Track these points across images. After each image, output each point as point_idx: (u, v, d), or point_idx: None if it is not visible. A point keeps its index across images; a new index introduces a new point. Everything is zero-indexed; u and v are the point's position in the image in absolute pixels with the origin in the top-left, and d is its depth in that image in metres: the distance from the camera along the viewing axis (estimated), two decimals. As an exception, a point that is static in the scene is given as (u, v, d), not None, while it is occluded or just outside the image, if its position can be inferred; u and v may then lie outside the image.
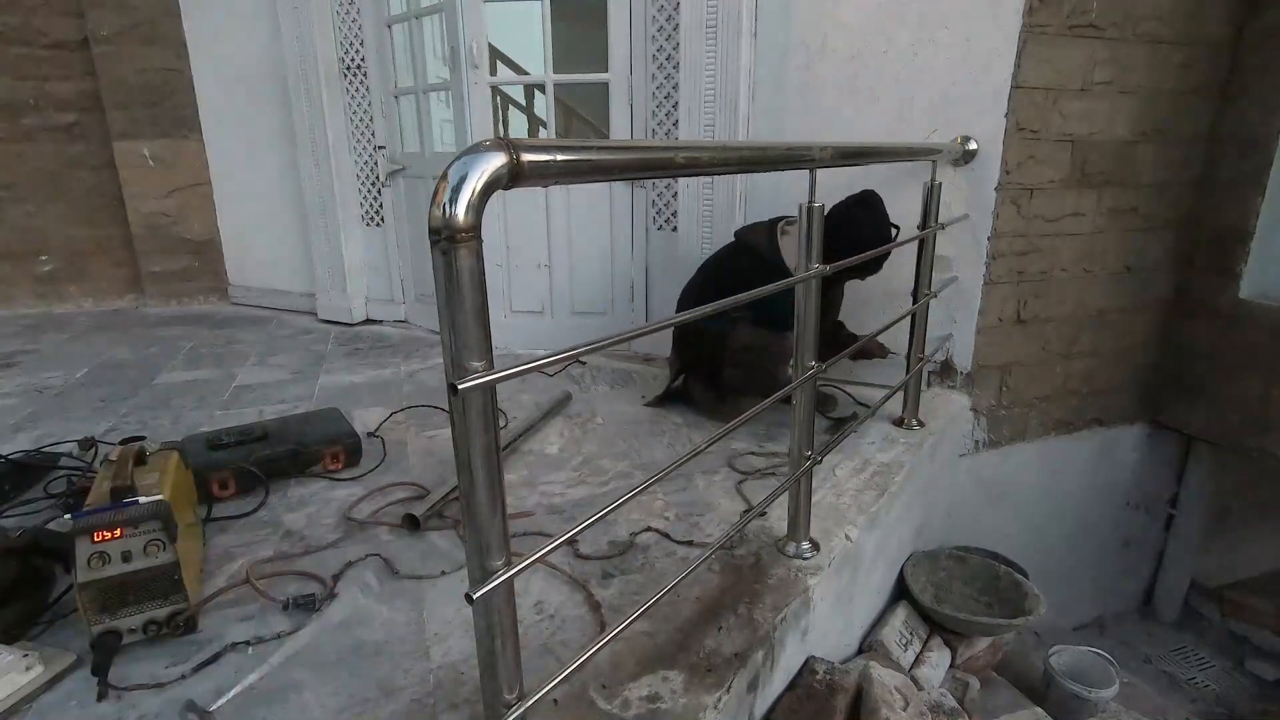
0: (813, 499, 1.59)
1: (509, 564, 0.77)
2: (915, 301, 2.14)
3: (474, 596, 0.73)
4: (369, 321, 3.74)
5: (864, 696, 1.54)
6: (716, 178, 2.66)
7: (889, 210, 2.15)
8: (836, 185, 2.33)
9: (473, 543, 0.76)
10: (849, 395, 2.48)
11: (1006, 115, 2.25)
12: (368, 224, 3.65)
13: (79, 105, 3.86)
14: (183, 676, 1.20)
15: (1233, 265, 2.64)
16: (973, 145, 2.30)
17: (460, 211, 0.64)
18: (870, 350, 2.38)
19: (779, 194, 2.61)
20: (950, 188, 2.30)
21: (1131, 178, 2.56)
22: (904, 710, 1.55)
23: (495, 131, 3.58)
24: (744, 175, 2.63)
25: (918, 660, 1.97)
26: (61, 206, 3.97)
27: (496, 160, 0.65)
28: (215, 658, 1.24)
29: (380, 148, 3.49)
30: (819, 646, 1.59)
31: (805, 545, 1.57)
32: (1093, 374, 2.81)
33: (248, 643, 1.28)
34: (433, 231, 0.64)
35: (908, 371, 2.19)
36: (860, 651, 1.90)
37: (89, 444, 2.09)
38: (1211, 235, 2.72)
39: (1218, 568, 3.25)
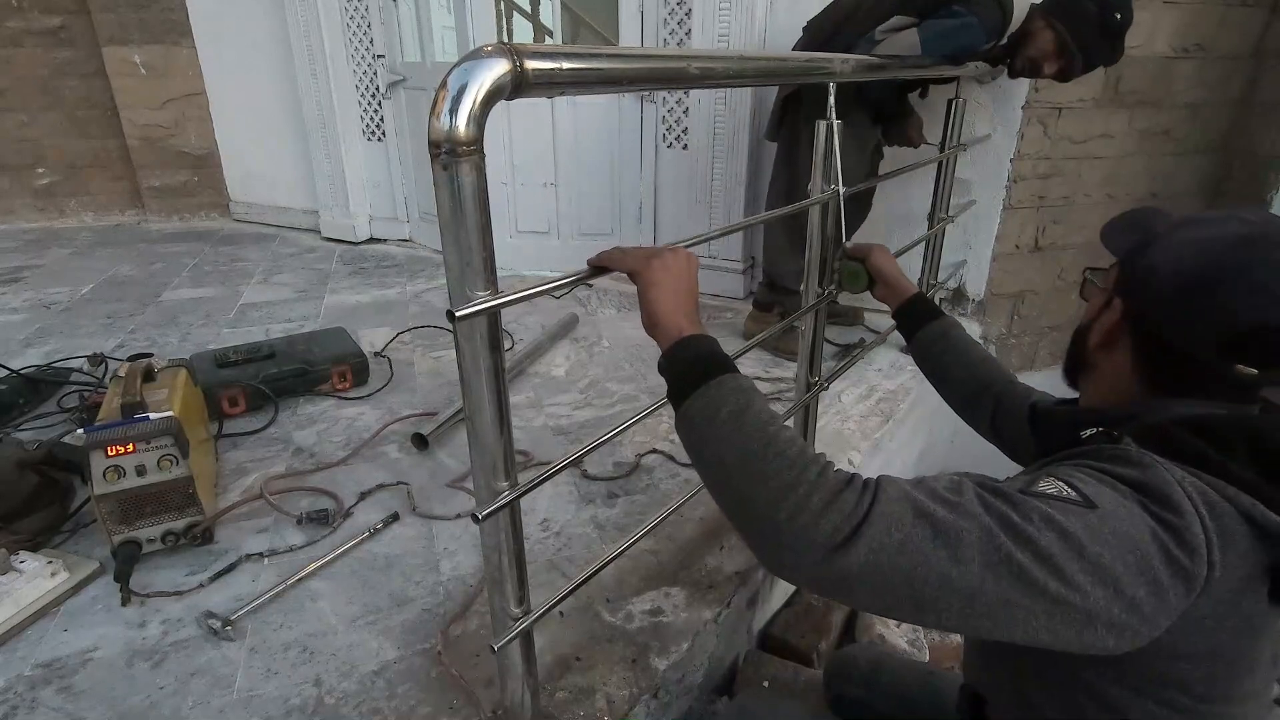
0: (818, 424, 1.59)
1: (514, 485, 0.78)
2: (931, 226, 2.08)
3: (480, 516, 0.74)
4: (373, 240, 3.69)
5: (858, 612, 1.60)
6: (730, 92, 2.54)
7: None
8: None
9: (479, 464, 0.77)
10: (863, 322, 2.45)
11: (1040, 27, 2.12)
12: (369, 138, 3.54)
13: (65, 8, 3.69)
14: (201, 585, 1.24)
15: (1263, 193, 2.55)
16: (1002, 59, 2.17)
17: (461, 123, 0.60)
18: (910, 136, 2.15)
19: (795, 111, 2.50)
20: (974, 105, 2.19)
21: (1166, 98, 2.44)
22: (897, 626, 1.61)
23: (499, 39, 3.41)
24: (760, 90, 2.52)
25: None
26: (55, 116, 3.86)
27: (499, 67, 0.61)
28: (232, 568, 1.29)
29: (379, 57, 3.34)
30: (818, 566, 1.63)
31: (808, 470, 1.58)
32: (1107, 304, 2.77)
33: (263, 554, 1.32)
34: (433, 144, 0.61)
35: (919, 298, 2.15)
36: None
37: (99, 360, 2.10)
38: (1244, 161, 2.61)
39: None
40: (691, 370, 0.70)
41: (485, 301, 0.67)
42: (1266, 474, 0.59)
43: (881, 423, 1.84)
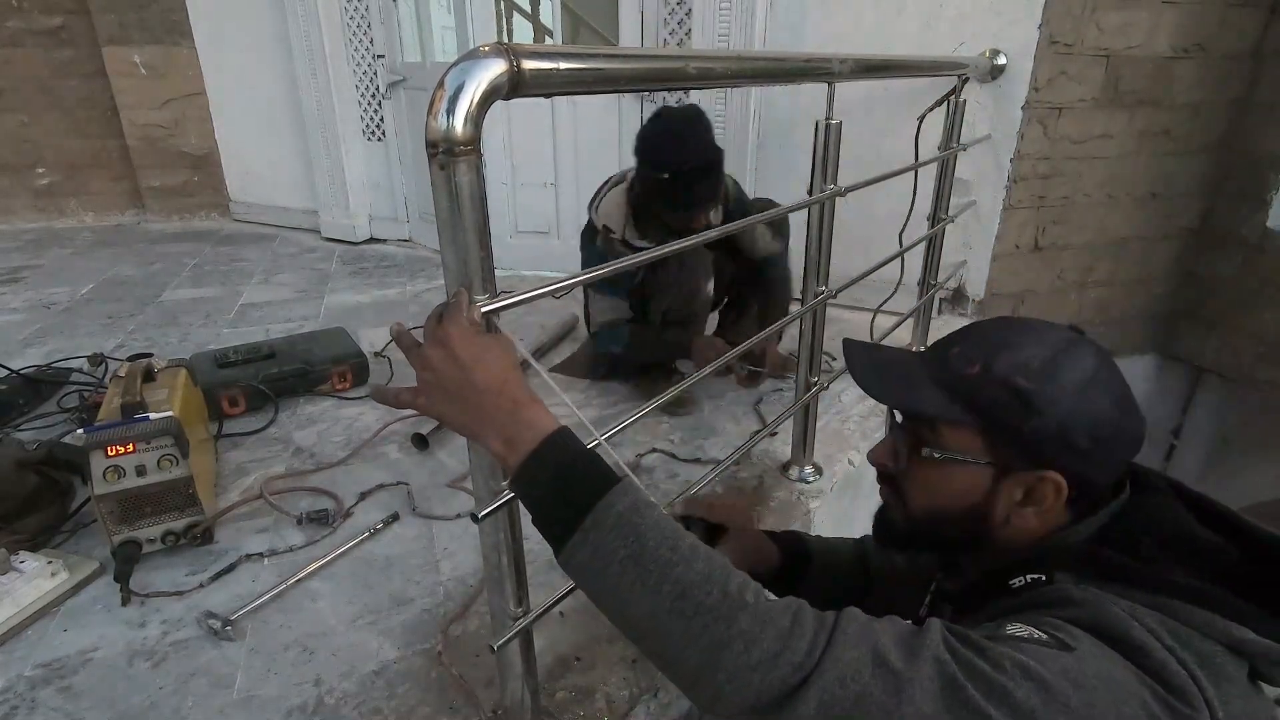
0: (818, 424, 1.59)
1: (514, 485, 0.78)
2: (931, 226, 2.08)
3: (480, 516, 0.74)
4: (373, 240, 3.69)
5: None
6: (730, 93, 2.54)
7: (901, 131, 2.05)
8: (854, 99, 2.24)
9: (478, 464, 0.77)
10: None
11: (1040, 26, 2.12)
12: (369, 138, 3.54)
13: (65, 8, 3.69)
14: (201, 585, 1.24)
15: (1263, 193, 2.54)
16: (1001, 59, 2.17)
17: (458, 122, 0.60)
18: (767, 359, 1.95)
19: (796, 110, 2.50)
20: (974, 106, 2.19)
21: (1166, 98, 2.44)
22: (897, 626, 1.61)
23: (499, 39, 3.41)
24: (759, 90, 2.52)
25: (913, 580, 2.02)
26: (55, 116, 3.86)
27: (496, 67, 0.61)
28: (232, 568, 1.29)
29: (379, 57, 3.34)
30: (817, 566, 1.63)
31: (808, 469, 1.59)
32: (1107, 304, 2.77)
33: (263, 554, 1.32)
34: (430, 144, 0.61)
35: (919, 299, 2.16)
36: (857, 571, 1.96)
37: (98, 360, 2.10)
38: (1244, 161, 2.60)
39: (1215, 496, 3.29)
40: (554, 503, 0.59)
41: (482, 305, 0.67)
42: (1183, 561, 0.60)
43: (881, 423, 1.84)
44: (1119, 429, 0.65)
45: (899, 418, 0.75)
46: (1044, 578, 0.63)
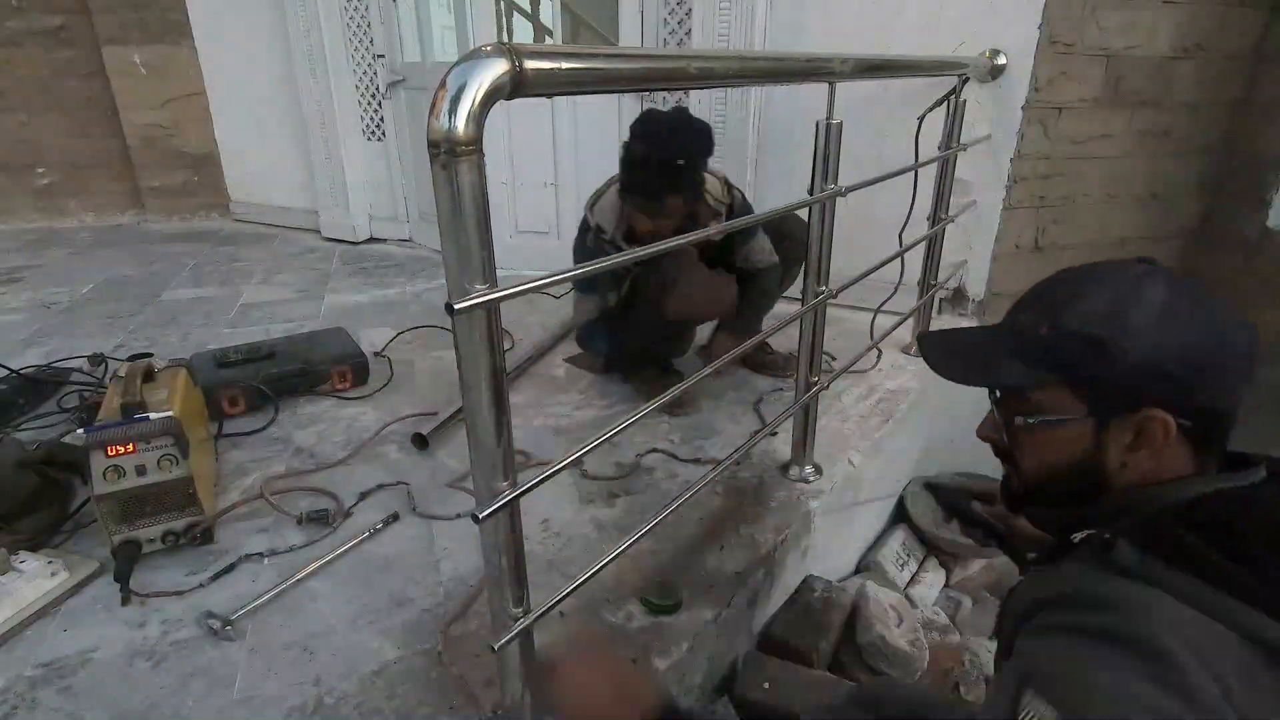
0: (818, 424, 1.59)
1: (514, 485, 0.78)
2: (931, 226, 2.08)
3: (480, 516, 0.74)
4: (373, 240, 3.69)
5: (859, 613, 1.60)
6: (731, 93, 2.54)
7: (901, 131, 2.05)
8: (854, 99, 2.23)
9: (478, 464, 0.77)
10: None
11: (1040, 26, 2.12)
12: (369, 138, 3.54)
13: (65, 8, 3.69)
14: (201, 585, 1.24)
15: (1263, 193, 2.54)
16: (1001, 60, 2.17)
17: (460, 123, 0.60)
18: (763, 359, 2.09)
19: (796, 110, 2.50)
20: (974, 106, 2.19)
21: (1167, 98, 2.43)
22: (898, 626, 1.61)
23: (499, 39, 3.41)
24: (760, 90, 2.52)
25: (913, 580, 2.03)
26: (55, 117, 3.86)
27: (498, 67, 0.61)
28: (232, 568, 1.29)
29: (379, 56, 3.34)
30: (818, 566, 1.64)
31: (809, 469, 1.59)
32: (1107, 304, 2.76)
33: (263, 554, 1.32)
34: (431, 144, 0.61)
35: (919, 299, 2.16)
36: (858, 571, 1.96)
37: (98, 360, 2.10)
38: (1245, 161, 2.60)
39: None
40: None
41: (484, 295, 0.66)
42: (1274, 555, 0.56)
43: (881, 423, 1.84)
44: (1214, 350, 0.64)
45: (997, 393, 0.77)
46: (1107, 535, 0.62)
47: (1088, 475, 0.69)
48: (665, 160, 1.65)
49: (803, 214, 1.33)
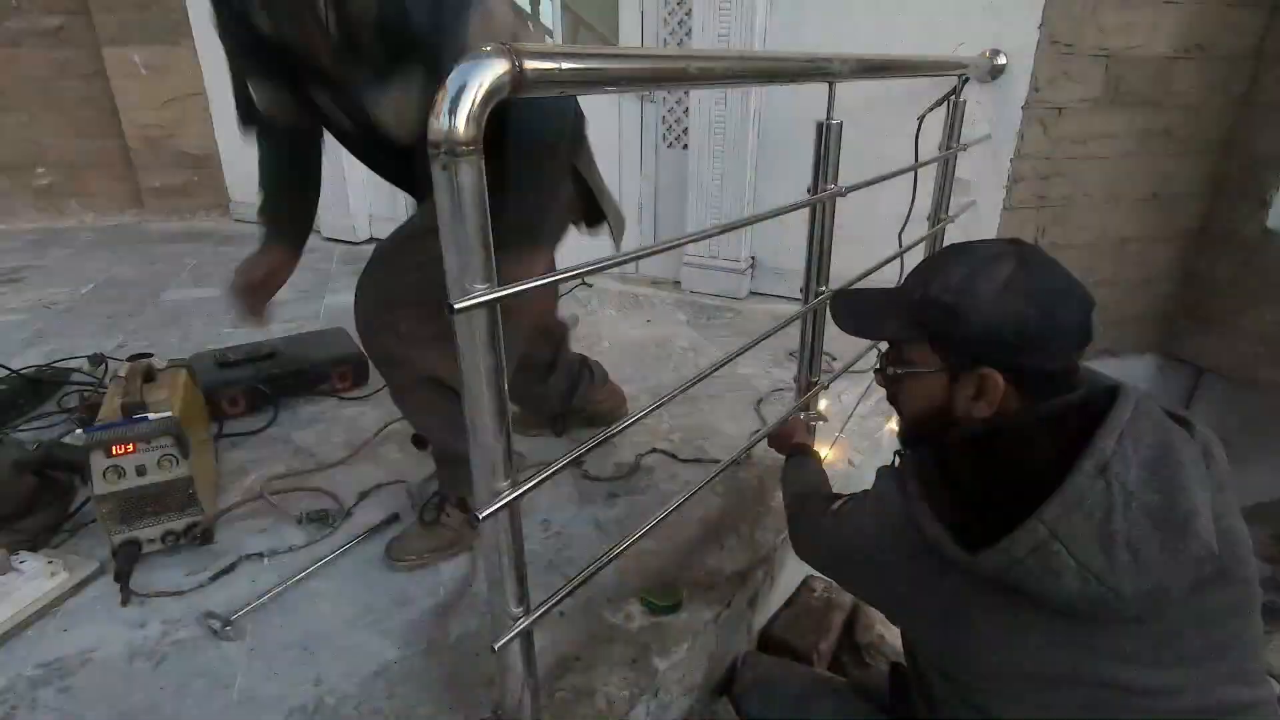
0: (818, 424, 1.59)
1: (514, 485, 0.78)
2: (931, 226, 2.08)
3: (480, 516, 0.74)
4: (373, 240, 3.68)
5: (859, 613, 1.60)
6: (730, 93, 2.54)
7: (901, 131, 2.04)
8: (854, 99, 2.23)
9: (478, 464, 0.77)
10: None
11: (1040, 27, 2.12)
12: (369, 138, 3.54)
13: (65, 8, 3.69)
14: (201, 585, 1.24)
15: (1263, 193, 2.54)
16: (1001, 60, 2.17)
17: (460, 123, 0.60)
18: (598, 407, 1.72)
19: (796, 110, 2.50)
20: (974, 106, 2.19)
21: (1167, 98, 2.43)
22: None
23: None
24: (760, 90, 2.52)
25: (913, 580, 2.02)
26: (55, 117, 3.86)
27: (498, 67, 0.61)
28: (232, 568, 1.29)
29: (379, 57, 3.34)
30: (818, 566, 1.63)
31: (808, 470, 1.58)
32: (1107, 305, 2.77)
33: (263, 554, 1.32)
34: (432, 145, 0.61)
35: (919, 298, 2.15)
36: (857, 571, 1.95)
37: (99, 360, 2.10)
38: (1245, 161, 2.60)
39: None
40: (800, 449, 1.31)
41: (484, 294, 0.67)
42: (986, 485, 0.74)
43: (882, 423, 1.84)
44: (1044, 324, 0.76)
45: (881, 347, 0.94)
46: (896, 460, 0.87)
47: (942, 419, 0.84)
48: None
49: (804, 213, 1.33)
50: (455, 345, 0.69)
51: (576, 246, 2.84)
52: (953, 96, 1.95)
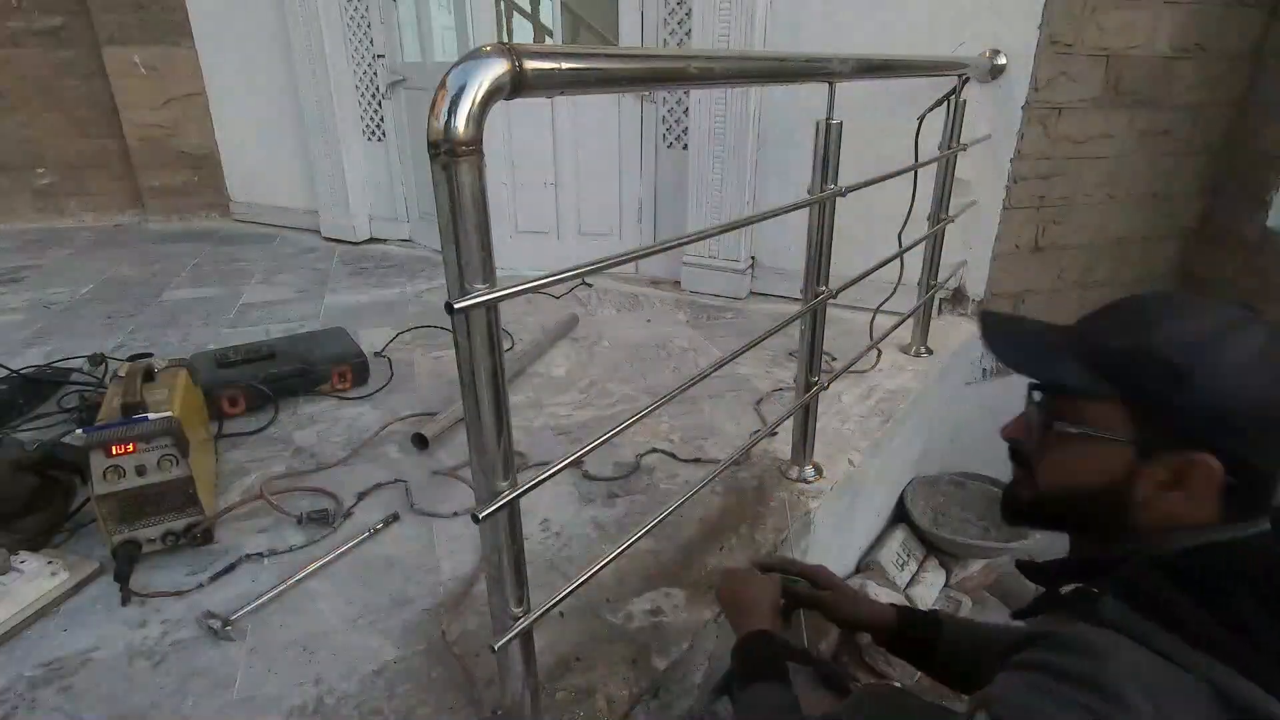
0: (818, 424, 1.59)
1: (514, 485, 0.78)
2: (931, 226, 2.08)
3: (480, 516, 0.74)
4: (373, 240, 3.69)
5: (859, 613, 1.59)
6: (730, 93, 2.54)
7: (901, 131, 2.04)
8: (854, 99, 2.23)
9: (478, 464, 0.77)
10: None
11: (1040, 27, 2.12)
12: (369, 138, 3.54)
13: (65, 8, 3.69)
14: (201, 585, 1.24)
15: (1263, 193, 2.54)
16: (1001, 59, 2.17)
17: (460, 123, 0.60)
18: None
19: (796, 110, 2.50)
20: (974, 105, 2.19)
21: (1167, 98, 2.43)
22: (897, 626, 1.61)
23: (499, 39, 3.41)
24: (760, 90, 2.52)
25: (913, 579, 2.03)
26: (55, 117, 3.86)
27: (498, 67, 0.61)
28: (232, 568, 1.29)
29: (379, 56, 3.34)
30: (818, 566, 1.63)
31: (809, 469, 1.58)
32: (1107, 303, 2.77)
33: (263, 554, 1.32)
34: (431, 144, 0.61)
35: (919, 299, 2.16)
36: (858, 571, 1.96)
37: (99, 360, 2.10)
38: (1245, 161, 2.60)
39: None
40: (752, 664, 0.90)
41: (484, 294, 0.67)
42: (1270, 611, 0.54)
43: (882, 423, 1.84)
44: None
45: (1036, 394, 0.72)
46: (1094, 590, 0.59)
47: (1107, 504, 0.65)
48: None
49: (804, 213, 1.33)
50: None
51: (577, 248, 2.85)
52: (953, 96, 1.95)
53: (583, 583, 0.93)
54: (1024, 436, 0.73)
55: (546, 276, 0.75)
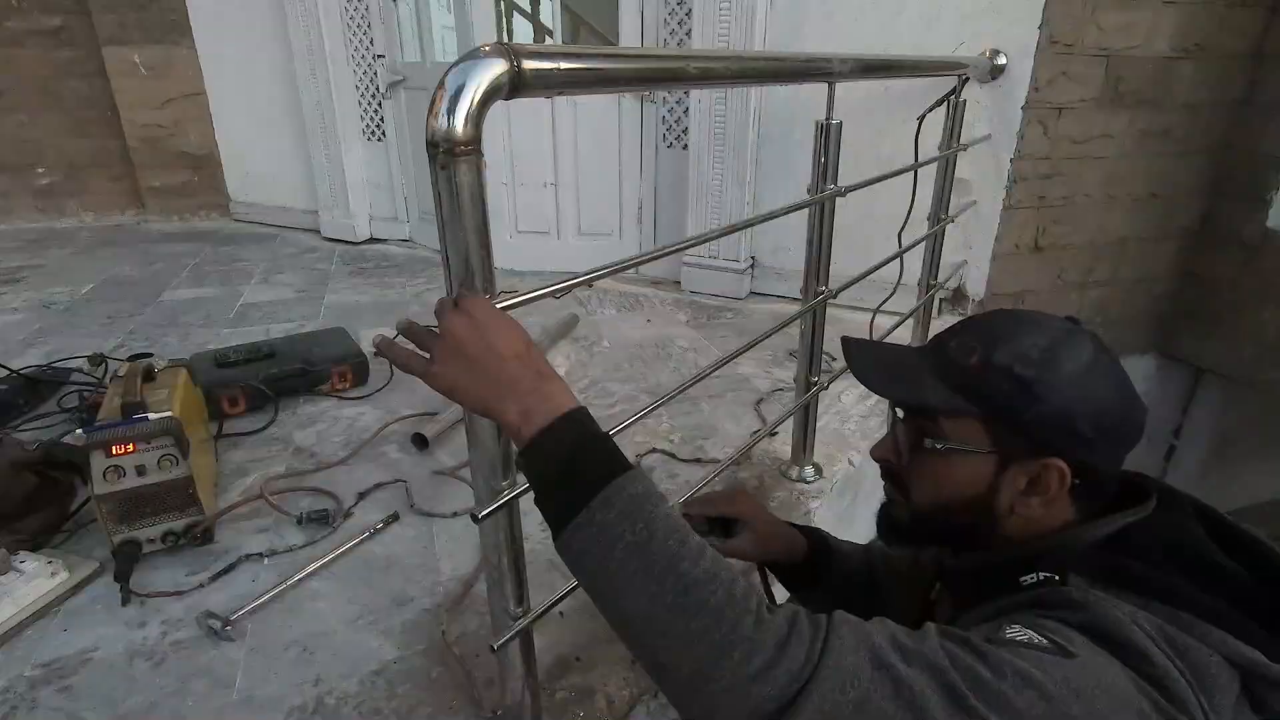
0: (818, 424, 1.59)
1: (514, 485, 0.78)
2: (931, 226, 2.08)
3: (480, 516, 0.74)
4: (373, 240, 3.69)
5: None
6: (730, 93, 2.54)
7: (901, 131, 2.04)
8: (854, 99, 2.24)
9: (478, 465, 0.77)
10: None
11: (1040, 27, 2.12)
12: (369, 138, 3.55)
13: (65, 8, 3.69)
14: (201, 585, 1.24)
15: (1263, 193, 2.54)
16: (1002, 59, 2.17)
17: (459, 123, 0.60)
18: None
19: (795, 110, 2.50)
20: (974, 106, 2.19)
21: (1167, 98, 2.44)
22: (897, 626, 1.61)
23: (499, 39, 3.42)
24: (760, 90, 2.52)
25: (913, 580, 2.02)
26: (55, 116, 3.86)
27: (497, 67, 0.61)
28: (232, 568, 1.29)
29: (379, 57, 3.34)
30: (818, 566, 1.63)
31: (809, 469, 1.58)
32: (1107, 304, 2.77)
33: (263, 554, 1.32)
34: (430, 144, 0.61)
35: (919, 299, 2.16)
36: (857, 571, 1.96)
37: (99, 360, 2.10)
38: (1245, 161, 2.60)
39: (1215, 497, 3.28)
40: (564, 480, 0.56)
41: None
42: (1197, 580, 0.58)
43: (882, 423, 1.84)
44: (1121, 417, 0.66)
45: (900, 413, 0.76)
46: (1056, 577, 0.62)
47: (976, 513, 0.69)
48: None
49: (804, 213, 1.33)
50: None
51: (577, 247, 2.86)
52: (952, 96, 1.95)
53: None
54: (893, 457, 0.75)
55: (548, 286, 0.75)
